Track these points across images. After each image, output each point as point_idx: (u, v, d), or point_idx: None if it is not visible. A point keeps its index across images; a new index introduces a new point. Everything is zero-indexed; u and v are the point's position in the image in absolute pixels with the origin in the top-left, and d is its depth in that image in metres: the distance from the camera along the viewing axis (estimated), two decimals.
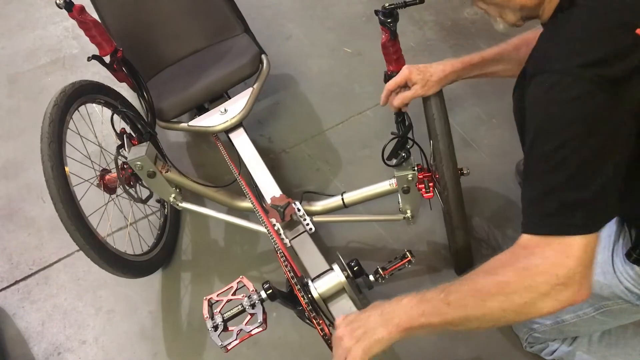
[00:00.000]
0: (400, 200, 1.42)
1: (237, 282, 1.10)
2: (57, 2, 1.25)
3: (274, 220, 1.40)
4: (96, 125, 1.64)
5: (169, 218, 1.70)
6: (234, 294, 1.09)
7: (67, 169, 1.26)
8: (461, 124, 1.90)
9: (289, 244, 1.38)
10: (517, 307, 0.73)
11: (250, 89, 1.66)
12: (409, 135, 1.34)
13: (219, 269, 1.65)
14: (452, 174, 1.22)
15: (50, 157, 1.21)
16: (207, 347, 1.48)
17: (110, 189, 1.48)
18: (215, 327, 1.03)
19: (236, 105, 1.63)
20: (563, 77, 0.72)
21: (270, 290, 1.07)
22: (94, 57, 1.40)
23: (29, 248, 1.77)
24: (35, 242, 1.78)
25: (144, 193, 1.56)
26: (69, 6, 1.28)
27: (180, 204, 1.52)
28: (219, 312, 1.06)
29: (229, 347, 1.01)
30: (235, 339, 1.02)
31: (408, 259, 1.15)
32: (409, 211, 1.43)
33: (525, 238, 0.75)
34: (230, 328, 1.04)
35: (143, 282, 1.59)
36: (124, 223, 1.70)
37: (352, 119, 2.00)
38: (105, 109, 1.54)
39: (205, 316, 1.05)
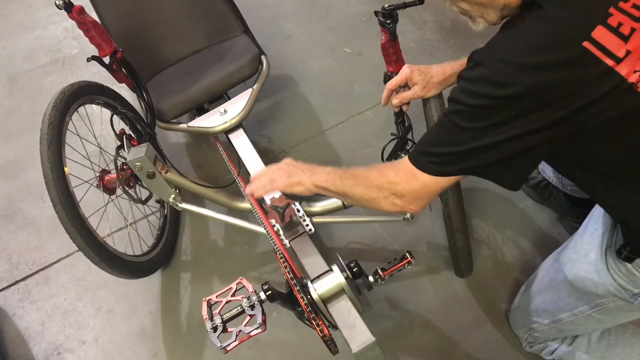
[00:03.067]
0: None
1: (237, 283, 1.10)
2: (57, 2, 1.25)
3: (273, 221, 1.40)
4: (95, 126, 1.64)
5: (169, 219, 1.70)
6: (233, 295, 1.09)
7: (66, 170, 1.26)
8: None
9: (288, 245, 1.38)
10: (368, 199, 0.98)
11: (250, 90, 1.66)
12: (409, 136, 1.34)
13: (219, 270, 1.65)
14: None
15: (50, 159, 1.21)
16: (207, 347, 1.48)
17: (109, 190, 1.48)
18: (215, 329, 1.03)
19: (236, 106, 1.63)
20: (503, 66, 0.76)
21: (270, 292, 1.07)
22: (94, 57, 1.40)
23: (29, 248, 1.77)
24: (35, 242, 1.78)
25: (144, 194, 1.56)
26: (68, 7, 1.28)
27: (179, 205, 1.52)
28: (218, 313, 1.06)
29: (228, 349, 1.01)
30: (235, 340, 1.02)
31: (408, 259, 1.15)
32: (408, 212, 1.43)
33: (405, 159, 0.93)
34: (229, 329, 1.04)
35: (143, 282, 1.60)
36: (124, 223, 1.70)
37: (352, 119, 2.00)
38: (104, 109, 1.54)
39: (205, 317, 1.05)
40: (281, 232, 1.40)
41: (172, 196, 1.50)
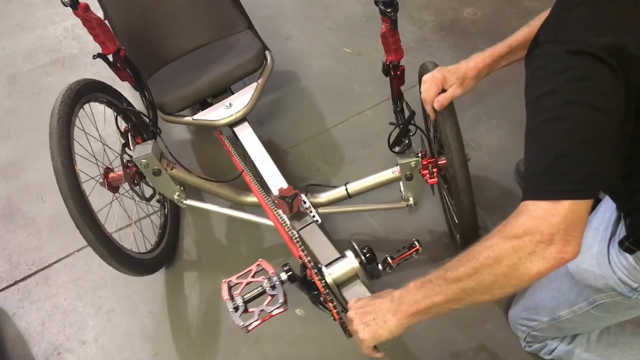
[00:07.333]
0: (402, 188, 1.43)
1: (256, 265, 1.09)
2: (63, 0, 1.26)
3: (280, 212, 1.39)
4: (98, 124, 1.64)
5: (169, 217, 1.70)
6: (253, 276, 1.08)
7: (76, 167, 1.26)
8: (461, 124, 1.87)
9: (297, 235, 1.38)
10: (506, 270, 0.73)
11: (255, 84, 1.66)
12: (412, 122, 1.35)
13: (220, 268, 1.65)
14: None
15: (61, 154, 1.21)
16: (208, 347, 1.48)
17: (113, 188, 1.47)
18: (236, 308, 1.02)
19: (241, 100, 1.63)
20: (573, 45, 0.73)
21: (291, 272, 1.07)
22: (99, 55, 1.41)
23: (28, 248, 1.77)
24: (35, 242, 1.78)
25: (146, 192, 1.56)
26: (74, 4, 1.28)
27: (184, 202, 1.52)
28: (239, 294, 1.05)
29: (249, 328, 1.01)
30: (257, 320, 1.01)
31: (416, 248, 1.13)
32: (411, 198, 1.44)
33: (520, 204, 0.75)
34: (250, 309, 1.04)
35: (143, 281, 1.60)
36: (124, 222, 1.70)
37: (351, 119, 2.00)
38: (109, 107, 1.54)
39: (225, 298, 1.04)
40: (288, 223, 1.40)
41: (177, 193, 1.51)
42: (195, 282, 1.62)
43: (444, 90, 1.23)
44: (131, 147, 1.45)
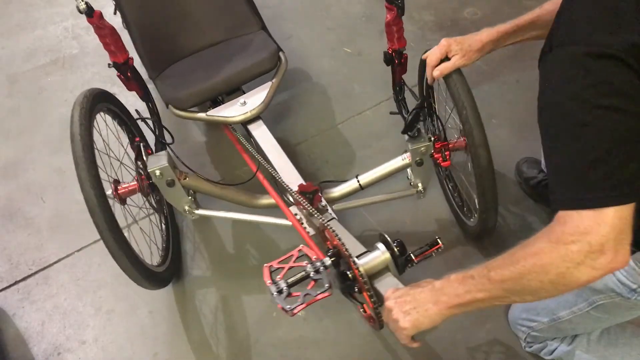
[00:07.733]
0: (411, 175, 1.43)
1: (298, 251, 1.09)
2: (79, 7, 1.26)
3: (302, 208, 1.38)
4: (102, 133, 1.64)
5: (170, 225, 1.69)
6: (294, 261, 1.08)
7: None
8: None
9: (329, 224, 1.36)
10: (553, 278, 0.73)
11: (270, 83, 1.66)
12: (426, 105, 1.36)
13: (222, 270, 1.65)
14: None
15: (93, 185, 1.18)
16: (207, 347, 1.48)
17: (122, 200, 1.45)
18: (280, 292, 1.01)
19: (255, 98, 1.63)
20: (590, 47, 0.72)
21: (334, 258, 1.06)
22: (113, 64, 1.42)
23: (28, 248, 1.77)
24: (35, 242, 1.78)
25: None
26: (90, 12, 1.28)
27: (195, 212, 1.51)
28: (281, 278, 1.04)
29: (295, 311, 1.00)
30: (302, 303, 1.01)
31: (438, 245, 1.11)
32: (420, 185, 1.43)
33: (560, 213, 0.75)
34: (293, 294, 1.03)
35: None
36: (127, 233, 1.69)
37: (351, 119, 2.00)
38: (112, 117, 1.53)
39: (268, 282, 1.03)
40: (306, 220, 1.39)
41: (188, 205, 1.50)
42: (196, 283, 1.62)
43: (448, 59, 1.25)
44: (144, 158, 1.43)
